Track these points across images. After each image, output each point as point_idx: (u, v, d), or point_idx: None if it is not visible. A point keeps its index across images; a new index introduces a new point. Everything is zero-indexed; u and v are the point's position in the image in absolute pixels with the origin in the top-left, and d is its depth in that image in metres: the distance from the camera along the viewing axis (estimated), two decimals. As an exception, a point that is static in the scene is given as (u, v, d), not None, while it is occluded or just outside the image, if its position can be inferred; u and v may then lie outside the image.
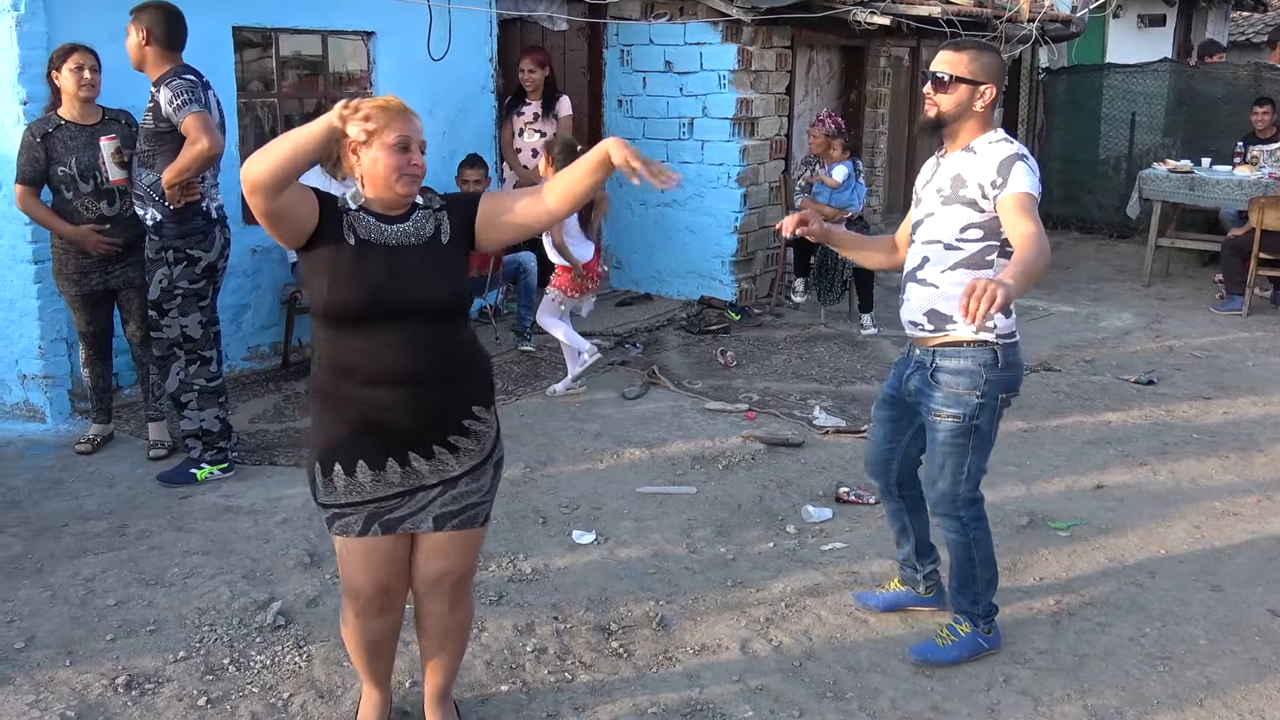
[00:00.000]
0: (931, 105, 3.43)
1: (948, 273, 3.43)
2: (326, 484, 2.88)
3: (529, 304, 7.44)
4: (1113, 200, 11.90)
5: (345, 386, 2.82)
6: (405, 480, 2.87)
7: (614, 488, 5.12)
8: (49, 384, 5.83)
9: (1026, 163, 3.33)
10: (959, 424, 3.46)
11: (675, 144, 8.70)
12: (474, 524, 2.99)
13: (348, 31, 7.11)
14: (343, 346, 2.81)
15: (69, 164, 5.07)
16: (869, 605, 4.01)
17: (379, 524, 2.90)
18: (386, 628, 3.08)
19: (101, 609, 3.93)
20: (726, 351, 7.34)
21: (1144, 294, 9.59)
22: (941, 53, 3.45)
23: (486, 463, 2.97)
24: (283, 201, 2.66)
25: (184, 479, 5.10)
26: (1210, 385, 6.86)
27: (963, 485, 3.54)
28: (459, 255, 2.90)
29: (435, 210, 2.91)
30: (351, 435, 2.83)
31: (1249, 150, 10.01)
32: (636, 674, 3.60)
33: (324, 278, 2.76)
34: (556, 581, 4.20)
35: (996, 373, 3.44)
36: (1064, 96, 12.79)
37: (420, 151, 2.82)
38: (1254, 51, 17.65)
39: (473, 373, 2.95)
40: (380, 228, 2.82)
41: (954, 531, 3.62)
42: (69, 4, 5.59)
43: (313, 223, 2.76)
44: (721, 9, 8.15)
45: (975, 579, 3.67)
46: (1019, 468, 5.40)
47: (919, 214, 3.57)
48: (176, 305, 4.98)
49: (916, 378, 3.56)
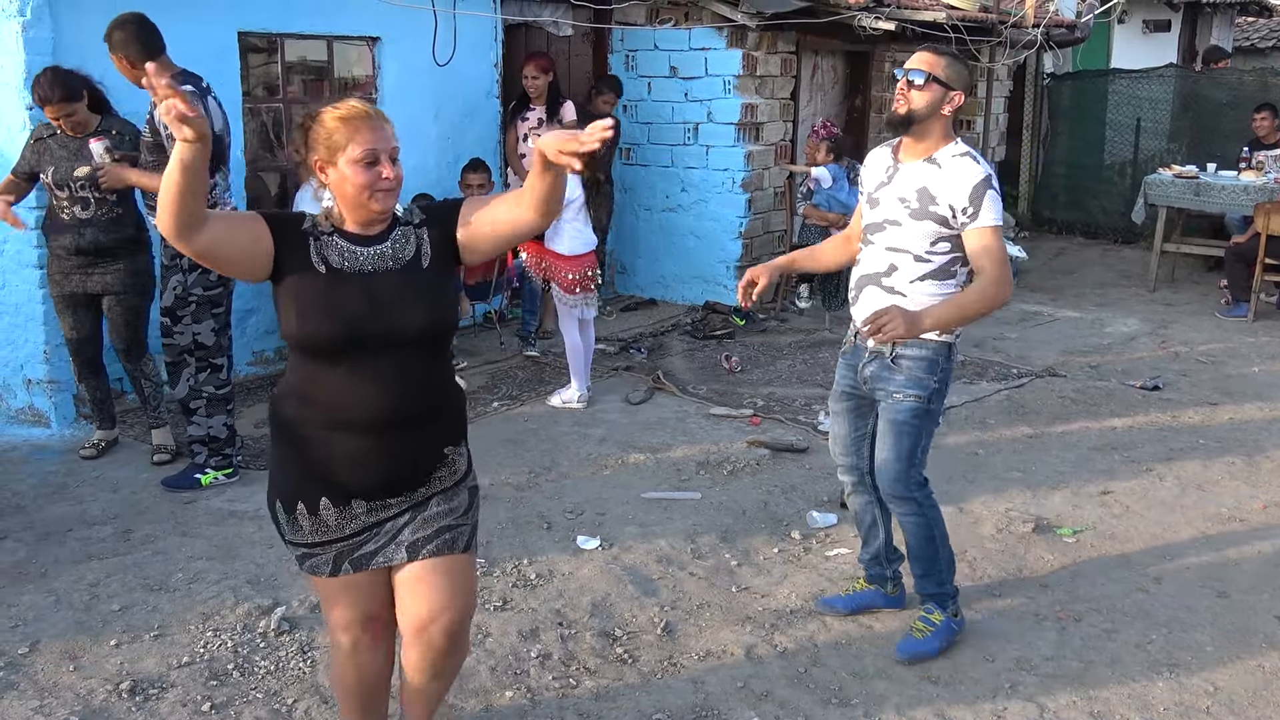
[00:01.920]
0: (904, 103, 3.50)
1: (917, 283, 3.57)
2: (291, 524, 2.66)
3: (534, 309, 7.44)
4: (1118, 205, 11.89)
5: (312, 424, 2.59)
6: (372, 514, 2.65)
7: (618, 493, 5.11)
8: (54, 389, 5.83)
9: (994, 189, 3.46)
10: (919, 404, 3.61)
11: (680, 149, 8.71)
12: (452, 549, 2.69)
13: (353, 37, 7.12)
14: (313, 378, 2.58)
15: (48, 172, 5.12)
16: (834, 608, 4.03)
17: (349, 562, 2.67)
18: (378, 668, 2.85)
19: (106, 614, 3.93)
20: (731, 357, 7.33)
21: (1149, 299, 9.58)
22: (919, 53, 3.55)
23: (459, 485, 2.75)
24: (204, 240, 2.41)
25: (189, 484, 5.10)
26: (1216, 391, 6.84)
27: (915, 466, 3.68)
28: (442, 278, 2.65)
29: (415, 226, 2.66)
30: (313, 476, 2.61)
31: (1254, 155, 9.99)
32: (641, 680, 3.60)
33: (293, 310, 2.53)
34: (561, 587, 4.19)
35: (949, 364, 3.66)
36: (1069, 102, 12.78)
37: (393, 161, 2.54)
38: (1259, 57, 17.64)
39: (448, 410, 2.73)
40: (355, 252, 2.57)
41: (912, 514, 3.73)
42: (75, 9, 5.60)
43: (264, 255, 2.52)
44: (726, 14, 8.16)
45: (938, 558, 3.78)
46: (1024, 473, 5.39)
47: (877, 216, 3.64)
48: (190, 312, 4.99)
49: (874, 365, 3.68)
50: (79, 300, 5.28)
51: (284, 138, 6.98)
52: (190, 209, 2.36)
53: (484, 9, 7.68)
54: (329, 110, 2.53)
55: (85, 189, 5.09)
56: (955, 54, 3.60)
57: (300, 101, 7.09)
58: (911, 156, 3.57)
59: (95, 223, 5.15)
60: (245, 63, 6.55)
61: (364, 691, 2.88)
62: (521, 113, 7.82)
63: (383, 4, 6.77)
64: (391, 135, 2.56)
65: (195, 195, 2.36)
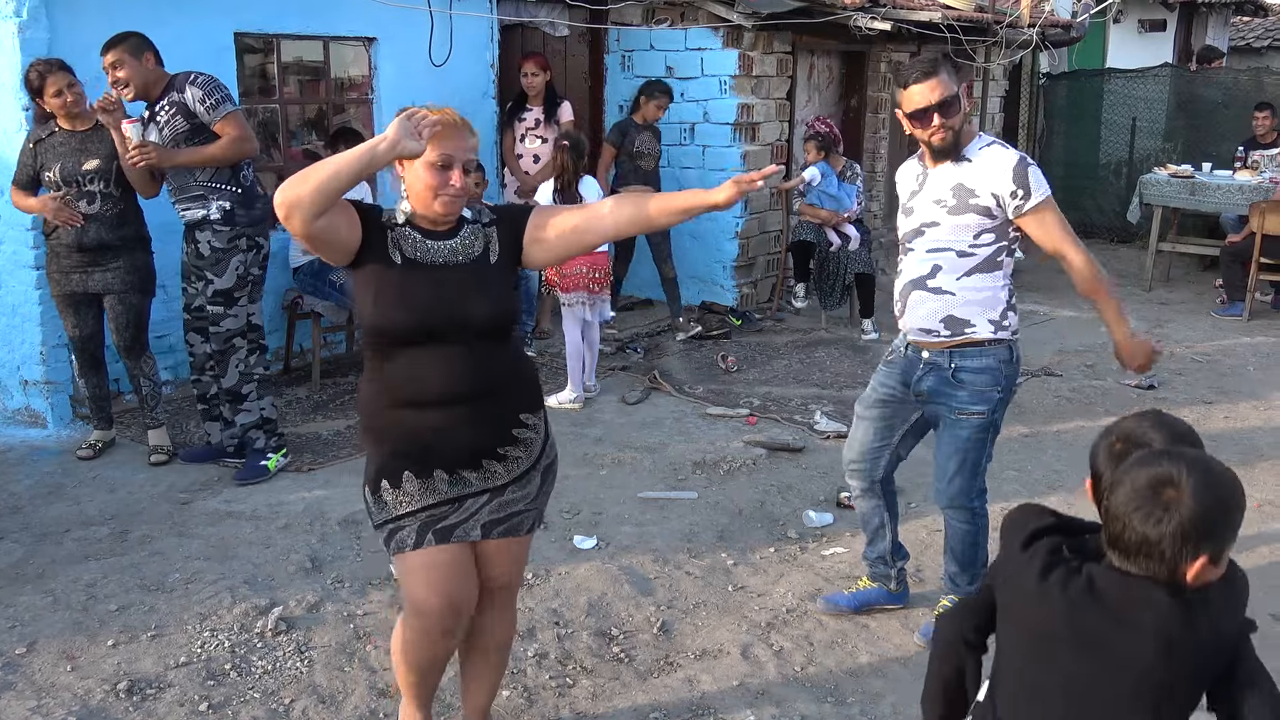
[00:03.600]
0: (945, 131, 3.46)
1: (963, 279, 3.55)
2: (378, 502, 2.79)
3: (530, 309, 7.44)
4: (1113, 205, 11.92)
5: (391, 408, 2.75)
6: (453, 488, 2.78)
7: (615, 493, 5.12)
8: (50, 389, 5.83)
9: (1033, 165, 3.52)
10: (984, 419, 3.58)
11: (676, 149, 8.71)
12: (519, 531, 2.91)
13: (349, 37, 7.12)
14: (389, 366, 2.73)
15: (54, 169, 5.11)
16: (839, 606, 4.03)
17: (433, 533, 2.78)
18: (447, 650, 2.94)
19: (103, 614, 3.94)
20: (728, 356, 7.34)
21: (1145, 298, 9.60)
22: (916, 88, 3.43)
23: (534, 469, 2.89)
24: (322, 224, 2.57)
25: (259, 473, 5.19)
26: (1211, 390, 6.86)
27: (979, 478, 3.68)
28: (507, 273, 2.83)
29: (485, 225, 2.82)
30: (396, 454, 2.76)
31: (1249, 155, 10.02)
32: (638, 679, 3.60)
33: (370, 298, 2.70)
34: (557, 586, 4.20)
35: (1012, 367, 3.62)
36: (1065, 101, 12.81)
37: (465, 171, 2.72)
38: (1254, 56, 17.67)
39: (520, 383, 2.88)
40: (427, 245, 2.74)
41: (966, 522, 3.73)
42: (71, 10, 5.61)
43: (355, 241, 2.69)
44: (722, 14, 8.16)
45: (977, 560, 3.81)
46: (1020, 472, 5.41)
47: (914, 223, 3.64)
48: (248, 293, 5.11)
49: (932, 378, 3.61)
50: (80, 299, 5.28)
51: (279, 138, 6.99)
52: (337, 196, 2.55)
53: (480, 9, 7.68)
54: (424, 110, 2.65)
55: (93, 182, 5.09)
56: (933, 58, 3.58)
57: (296, 102, 7.09)
58: (943, 160, 3.57)
59: (100, 218, 5.15)
60: (241, 63, 6.55)
61: (427, 669, 2.97)
62: (519, 112, 7.83)
63: (379, 4, 6.77)
64: (472, 147, 2.75)
65: (352, 185, 2.56)
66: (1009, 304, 3.60)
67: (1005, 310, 3.58)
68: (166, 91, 4.96)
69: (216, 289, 5.05)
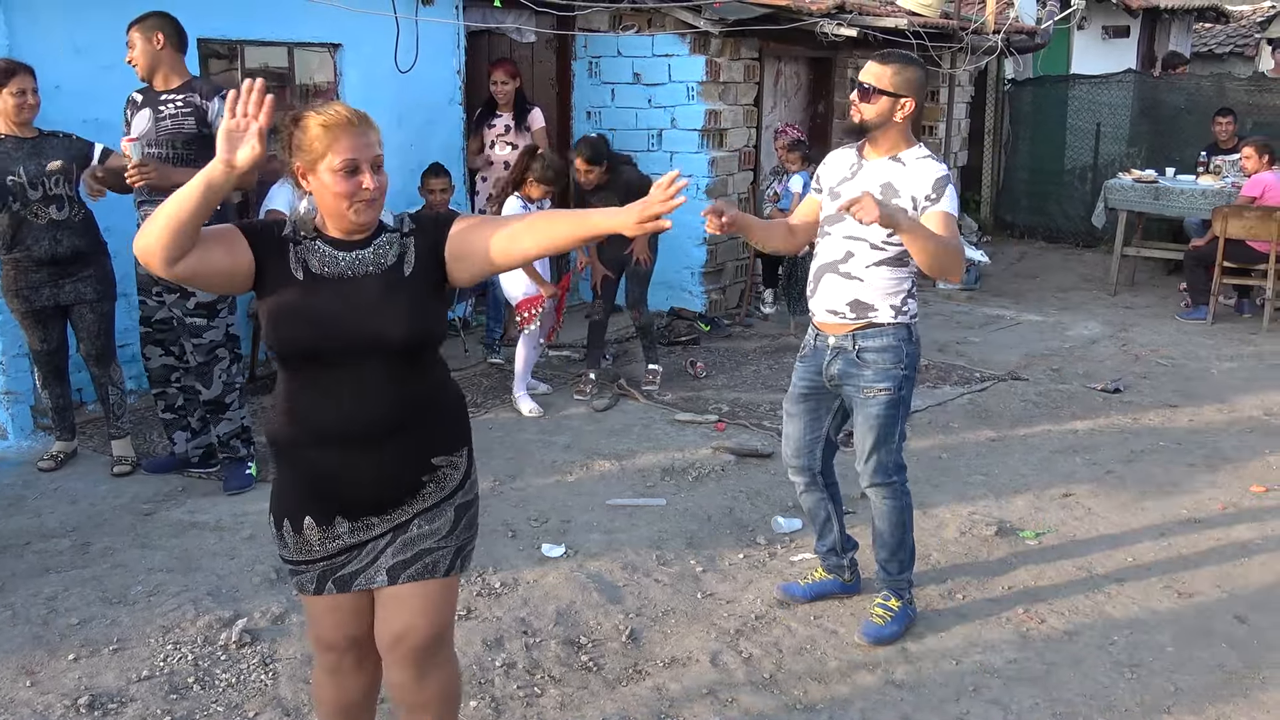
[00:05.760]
0: (857, 112, 3.73)
1: (873, 268, 3.72)
2: (278, 538, 2.65)
3: (498, 316, 7.41)
4: (1078, 210, 12.00)
5: (298, 441, 2.54)
6: (354, 534, 2.59)
7: (583, 500, 5.10)
8: (11, 400, 5.75)
9: (953, 186, 3.70)
10: (891, 395, 3.75)
11: (644, 155, 8.67)
12: (432, 573, 2.61)
13: (314, 43, 7.07)
14: (296, 390, 2.53)
15: (17, 173, 4.98)
16: (795, 596, 4.17)
17: (332, 582, 2.62)
18: (360, 689, 2.81)
19: (63, 628, 3.88)
20: (696, 362, 7.34)
21: (1110, 303, 9.67)
22: (869, 64, 3.74)
23: (446, 503, 2.64)
24: (189, 263, 2.35)
25: (246, 482, 5.18)
26: (1176, 393, 6.91)
27: (894, 452, 3.85)
28: (424, 285, 2.55)
29: (403, 235, 2.57)
30: (299, 492, 2.59)
31: (1212, 160, 10.12)
32: (606, 688, 3.58)
33: (270, 315, 2.48)
34: (525, 595, 4.18)
35: (912, 346, 3.80)
36: (1030, 107, 12.89)
37: (375, 170, 2.47)
38: (1217, 62, 17.88)
39: (440, 418, 2.64)
40: (335, 256, 2.51)
41: (890, 498, 3.89)
42: (29, 14, 5.53)
43: (244, 268, 2.47)
44: (689, 21, 8.17)
45: (904, 544, 3.95)
46: (987, 476, 5.43)
47: (837, 208, 3.69)
48: (226, 304, 5.07)
49: (840, 362, 3.80)
50: (50, 313, 5.20)
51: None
52: (191, 236, 2.32)
53: (446, 15, 7.65)
54: (312, 115, 2.45)
55: (59, 184, 5.00)
56: (907, 58, 3.75)
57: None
58: (876, 154, 3.77)
59: (70, 224, 5.06)
60: (206, 69, 6.49)
61: (342, 712, 2.84)
62: (488, 119, 7.79)
63: (344, 11, 6.73)
64: (375, 143, 2.48)
65: (201, 221, 2.32)
66: (910, 292, 3.79)
67: (906, 298, 3.77)
68: (186, 90, 4.86)
69: (199, 301, 4.97)
